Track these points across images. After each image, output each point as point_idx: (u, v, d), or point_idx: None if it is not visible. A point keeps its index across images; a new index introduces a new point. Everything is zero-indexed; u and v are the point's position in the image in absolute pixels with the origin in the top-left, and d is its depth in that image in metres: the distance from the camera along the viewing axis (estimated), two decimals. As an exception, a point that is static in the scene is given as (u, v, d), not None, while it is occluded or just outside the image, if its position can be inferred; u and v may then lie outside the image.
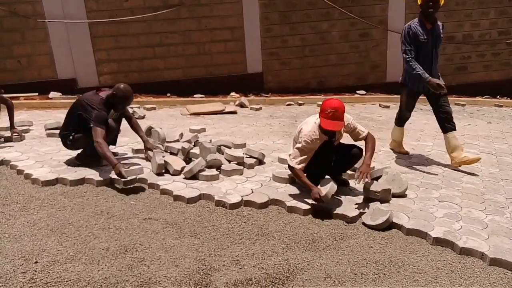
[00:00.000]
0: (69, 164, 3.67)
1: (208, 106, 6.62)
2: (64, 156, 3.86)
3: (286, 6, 8.00)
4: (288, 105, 7.32)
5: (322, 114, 2.95)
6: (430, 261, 2.44)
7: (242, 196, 3.11)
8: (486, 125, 6.26)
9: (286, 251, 2.49)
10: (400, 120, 4.44)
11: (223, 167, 3.57)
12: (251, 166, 3.75)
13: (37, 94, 6.83)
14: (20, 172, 3.52)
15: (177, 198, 3.11)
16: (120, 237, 2.55)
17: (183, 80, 7.73)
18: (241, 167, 3.63)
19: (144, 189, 3.31)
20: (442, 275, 2.31)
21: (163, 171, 3.53)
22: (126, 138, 4.54)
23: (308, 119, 3.18)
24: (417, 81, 3.99)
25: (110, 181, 3.37)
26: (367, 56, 8.67)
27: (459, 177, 3.82)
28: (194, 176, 3.42)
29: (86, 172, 3.47)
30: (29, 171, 3.47)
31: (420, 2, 4.03)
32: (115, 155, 3.93)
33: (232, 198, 3.07)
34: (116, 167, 3.24)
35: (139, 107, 6.49)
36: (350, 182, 3.47)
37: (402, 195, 3.25)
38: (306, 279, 2.22)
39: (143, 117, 5.92)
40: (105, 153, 3.31)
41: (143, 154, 3.94)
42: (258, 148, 4.18)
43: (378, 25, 8.44)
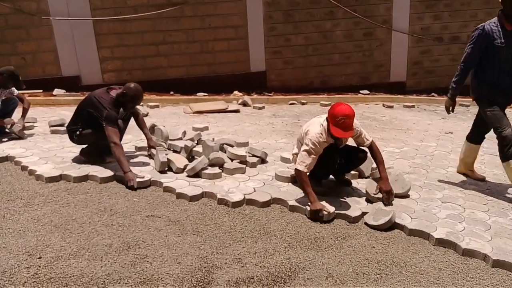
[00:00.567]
0: (73, 161, 3.69)
1: (211, 105, 6.63)
2: (68, 153, 3.88)
3: (290, 5, 7.99)
4: (291, 104, 7.31)
5: (332, 121, 2.85)
6: (432, 262, 2.44)
7: (245, 195, 3.11)
8: (490, 126, 6.22)
9: (288, 250, 2.49)
10: (476, 136, 3.73)
11: (226, 166, 3.58)
12: (254, 165, 3.75)
13: (41, 91, 6.87)
14: (25, 168, 3.55)
15: (180, 196, 3.12)
16: (123, 234, 2.57)
17: (187, 78, 7.75)
18: (244, 166, 3.64)
19: (149, 185, 3.32)
20: (444, 276, 2.30)
21: (166, 169, 3.54)
22: (130, 136, 4.55)
23: (314, 120, 3.14)
24: (491, 88, 3.34)
25: (115, 178, 3.39)
26: (371, 56, 8.65)
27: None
28: (197, 174, 3.43)
29: (90, 169, 3.48)
30: (33, 168, 3.49)
31: None
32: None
33: (235, 197, 3.07)
34: (127, 176, 3.24)
35: (142, 105, 6.50)
36: (353, 183, 3.47)
37: (405, 196, 3.25)
38: (308, 278, 2.23)
39: (146, 115, 5.94)
40: (120, 157, 3.31)
41: (146, 152, 3.95)
42: (261, 147, 4.18)
43: (382, 25, 8.41)
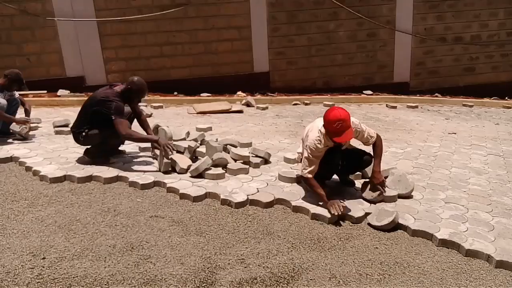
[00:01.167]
0: (77, 161, 3.71)
1: (215, 105, 6.65)
2: (72, 154, 3.90)
3: (294, 6, 7.99)
4: (295, 105, 7.31)
5: (331, 128, 2.83)
6: (436, 263, 2.43)
7: (248, 195, 3.12)
8: (494, 127, 6.21)
9: (291, 251, 2.49)
10: None
11: (229, 166, 3.58)
12: (257, 165, 3.76)
13: (46, 92, 6.91)
14: (29, 169, 3.57)
15: (183, 196, 3.13)
16: (127, 235, 2.58)
17: (190, 79, 7.77)
18: (247, 166, 3.64)
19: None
20: (448, 277, 2.30)
21: (170, 169, 3.55)
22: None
23: (314, 125, 3.11)
24: None
25: (118, 178, 3.40)
26: (374, 56, 8.63)
27: (466, 179, 3.79)
28: (200, 175, 3.44)
29: (94, 170, 3.50)
30: (38, 168, 3.51)
31: None
32: (124, 153, 3.96)
33: (238, 197, 3.08)
34: (160, 142, 3.45)
35: (146, 106, 6.53)
36: (356, 183, 3.46)
37: (408, 196, 3.24)
38: (311, 279, 2.23)
39: (150, 116, 5.95)
40: (141, 138, 3.51)
41: (150, 152, 3.96)
42: (264, 148, 4.19)
43: (386, 25, 8.40)
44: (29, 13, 6.87)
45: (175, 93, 7.52)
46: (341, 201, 2.91)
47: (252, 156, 3.85)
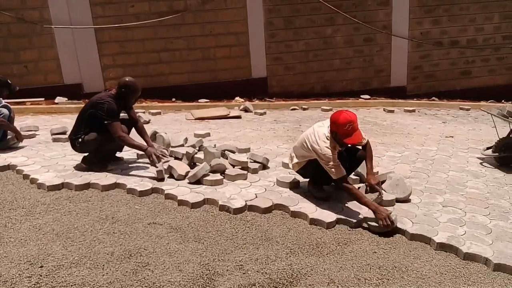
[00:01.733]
0: (75, 169, 3.71)
1: (213, 111, 6.66)
2: (70, 161, 3.90)
3: (291, 12, 8.04)
4: (293, 110, 7.33)
5: (341, 131, 2.85)
6: (434, 267, 2.43)
7: (246, 201, 3.12)
8: (491, 130, 6.22)
9: (290, 256, 2.49)
10: None
11: (227, 172, 3.59)
12: (255, 171, 3.76)
13: (43, 99, 6.91)
14: (26, 177, 3.56)
15: (182, 203, 3.13)
16: (125, 242, 2.57)
17: (188, 85, 7.79)
18: (245, 172, 3.64)
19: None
20: (446, 281, 2.30)
21: (168, 176, 3.55)
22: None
23: (316, 131, 3.05)
24: None
25: (116, 186, 3.40)
26: (371, 61, 8.68)
27: (463, 182, 3.80)
28: (199, 181, 3.44)
29: (92, 177, 3.50)
30: (35, 176, 3.51)
31: None
32: (121, 160, 3.96)
33: (236, 203, 3.08)
34: (148, 151, 3.49)
35: (144, 112, 6.54)
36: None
37: (406, 200, 3.25)
38: (310, 284, 2.22)
39: (148, 122, 5.96)
40: (131, 143, 3.49)
41: (148, 159, 3.96)
42: (262, 153, 4.19)
43: (382, 30, 8.45)
44: (27, 21, 6.89)
45: (173, 99, 7.53)
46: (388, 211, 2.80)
47: (250, 162, 3.86)
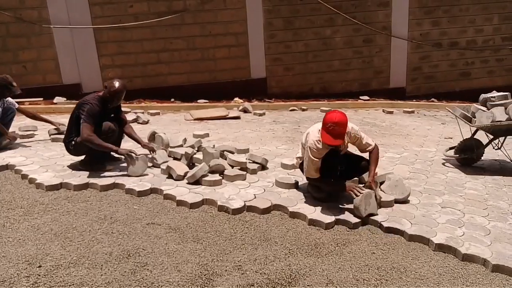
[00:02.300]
0: (73, 169, 3.70)
1: (212, 112, 6.66)
2: (68, 161, 3.89)
3: (290, 12, 8.04)
4: (292, 111, 7.33)
5: (324, 127, 2.88)
6: (432, 267, 2.43)
7: (245, 202, 3.12)
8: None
9: (288, 257, 2.49)
10: None
11: (226, 172, 3.58)
12: (254, 172, 3.76)
13: (42, 99, 6.90)
14: (25, 177, 3.56)
15: (180, 203, 3.12)
16: (123, 242, 2.57)
17: (187, 86, 7.79)
18: (244, 173, 3.64)
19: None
20: (444, 282, 2.30)
21: (167, 176, 3.55)
22: (130, 143, 4.56)
23: (314, 127, 3.13)
24: None
25: (115, 186, 3.40)
26: (371, 62, 8.68)
27: (462, 183, 3.81)
28: (197, 181, 3.43)
29: (90, 177, 3.49)
30: (34, 176, 3.50)
31: None
32: (120, 161, 3.95)
33: (235, 203, 3.08)
34: (120, 151, 3.54)
35: (143, 112, 6.53)
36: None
37: (405, 201, 3.25)
38: (308, 285, 2.22)
39: (147, 122, 5.96)
40: (100, 144, 3.47)
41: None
42: (261, 154, 4.19)
43: (382, 31, 8.46)
44: (25, 21, 6.88)
45: (172, 100, 7.52)
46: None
47: (249, 162, 3.86)
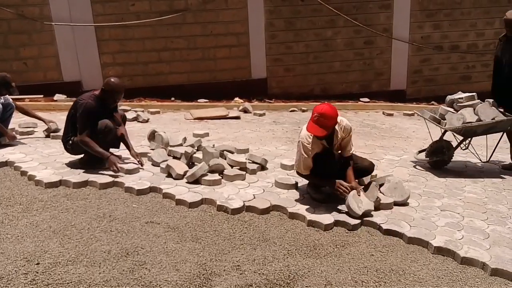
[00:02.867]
0: (73, 166, 3.69)
1: (212, 111, 6.65)
2: (68, 158, 3.89)
3: (291, 13, 8.04)
4: (292, 111, 7.33)
5: (311, 118, 2.96)
6: (431, 270, 2.43)
7: (244, 202, 3.11)
8: (490, 135, 6.23)
9: (287, 257, 2.49)
10: None
11: (226, 172, 3.58)
12: (254, 172, 3.76)
13: (42, 96, 6.89)
14: (24, 174, 3.55)
15: (179, 202, 3.12)
16: (122, 240, 2.56)
17: (188, 85, 7.78)
18: (244, 173, 3.64)
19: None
20: (443, 285, 2.30)
21: (166, 175, 3.54)
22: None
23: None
24: None
25: (114, 184, 3.39)
26: (371, 64, 8.68)
27: (462, 187, 3.81)
28: (197, 181, 3.43)
29: (90, 175, 3.49)
30: (33, 173, 3.49)
31: None
32: (119, 158, 3.94)
33: (234, 203, 3.07)
34: (110, 160, 3.42)
35: (143, 111, 6.53)
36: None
37: (404, 204, 3.25)
38: (307, 286, 2.22)
39: (147, 121, 5.95)
40: (95, 150, 3.45)
41: (147, 159, 3.95)
42: (261, 154, 4.19)
43: (383, 33, 8.46)
44: (27, 17, 6.87)
45: (173, 99, 7.52)
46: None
47: (249, 162, 3.85)
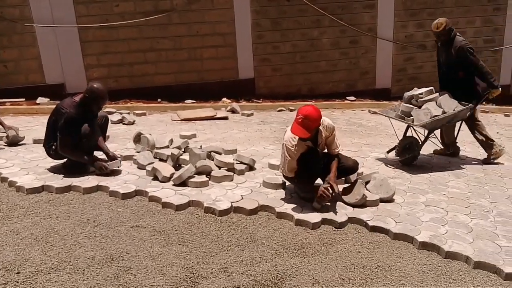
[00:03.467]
0: (55, 171, 3.62)
1: (199, 112, 6.61)
2: (50, 163, 3.81)
3: (277, 13, 8.06)
4: (280, 111, 7.34)
5: (295, 119, 2.98)
6: (417, 265, 2.46)
7: (232, 203, 3.10)
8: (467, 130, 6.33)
9: (275, 257, 2.48)
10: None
11: (213, 174, 3.56)
12: (242, 172, 3.74)
13: (24, 100, 6.74)
14: (4, 180, 3.46)
15: (166, 205, 3.08)
16: (106, 246, 2.52)
17: (174, 86, 7.72)
18: (231, 173, 3.62)
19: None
20: (428, 279, 2.33)
21: (152, 178, 3.50)
22: (115, 144, 4.50)
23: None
24: None
25: (98, 188, 3.34)
26: (357, 63, 8.76)
27: (445, 182, 3.87)
28: (184, 183, 3.40)
29: (73, 180, 3.42)
30: (14, 179, 3.41)
31: None
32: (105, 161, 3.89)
33: (222, 205, 3.05)
34: (97, 164, 3.47)
35: (129, 113, 6.45)
36: (339, 188, 3.48)
37: (390, 200, 3.28)
38: (295, 285, 2.22)
39: (133, 123, 5.88)
40: (78, 158, 3.48)
41: (132, 161, 3.90)
42: (249, 154, 4.18)
43: (368, 33, 8.54)
44: (6, 19, 6.72)
45: (159, 100, 7.45)
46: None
47: (237, 163, 3.84)
